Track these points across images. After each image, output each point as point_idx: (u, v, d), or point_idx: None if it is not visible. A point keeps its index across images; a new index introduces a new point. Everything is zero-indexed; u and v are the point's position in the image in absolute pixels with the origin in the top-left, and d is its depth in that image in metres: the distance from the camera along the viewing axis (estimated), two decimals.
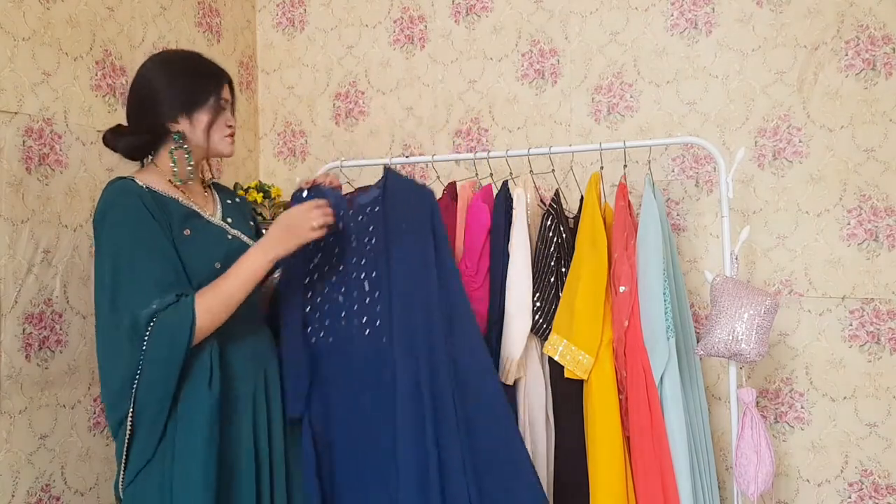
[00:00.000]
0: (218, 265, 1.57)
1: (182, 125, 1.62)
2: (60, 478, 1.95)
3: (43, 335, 1.92)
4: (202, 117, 1.63)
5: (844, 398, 2.27)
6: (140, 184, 1.57)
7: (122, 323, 1.46)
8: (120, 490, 1.51)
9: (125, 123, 1.65)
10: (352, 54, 2.79)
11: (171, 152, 1.63)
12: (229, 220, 1.71)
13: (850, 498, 2.26)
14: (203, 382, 1.51)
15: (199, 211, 1.64)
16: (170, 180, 1.63)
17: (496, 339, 1.97)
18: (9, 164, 1.84)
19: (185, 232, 1.57)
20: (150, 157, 1.67)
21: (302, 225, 1.62)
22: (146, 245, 1.51)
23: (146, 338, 1.46)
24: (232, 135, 1.70)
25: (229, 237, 1.66)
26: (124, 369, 1.47)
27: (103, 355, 1.52)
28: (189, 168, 1.65)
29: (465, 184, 2.16)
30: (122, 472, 1.51)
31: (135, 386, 1.47)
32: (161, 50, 1.74)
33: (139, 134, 1.62)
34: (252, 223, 1.79)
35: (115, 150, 1.64)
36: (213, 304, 1.51)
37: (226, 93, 1.68)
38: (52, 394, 1.94)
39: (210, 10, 2.62)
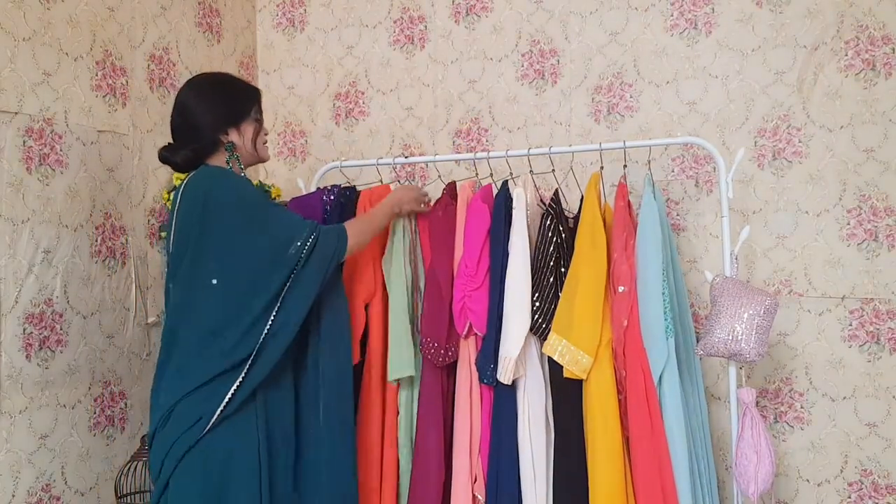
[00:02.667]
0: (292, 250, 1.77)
1: (232, 136, 1.84)
2: (60, 478, 1.96)
3: (43, 335, 1.92)
4: (248, 128, 1.87)
5: (844, 398, 2.27)
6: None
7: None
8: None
9: (172, 142, 1.83)
10: (352, 54, 2.80)
11: (227, 160, 1.83)
12: None
13: (849, 498, 2.26)
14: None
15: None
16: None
17: (495, 338, 1.97)
18: (9, 164, 1.84)
19: None
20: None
21: (419, 195, 2.12)
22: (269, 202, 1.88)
23: (305, 252, 1.74)
24: (267, 142, 1.96)
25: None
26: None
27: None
28: (242, 173, 1.86)
29: (465, 184, 2.17)
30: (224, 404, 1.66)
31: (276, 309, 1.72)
32: (196, 74, 1.96)
33: (195, 147, 1.80)
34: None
35: (173, 164, 1.83)
36: (359, 228, 1.90)
37: (260, 107, 1.92)
38: (53, 394, 1.94)
39: (210, 10, 2.63)
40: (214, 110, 1.82)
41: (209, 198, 1.71)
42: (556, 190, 2.12)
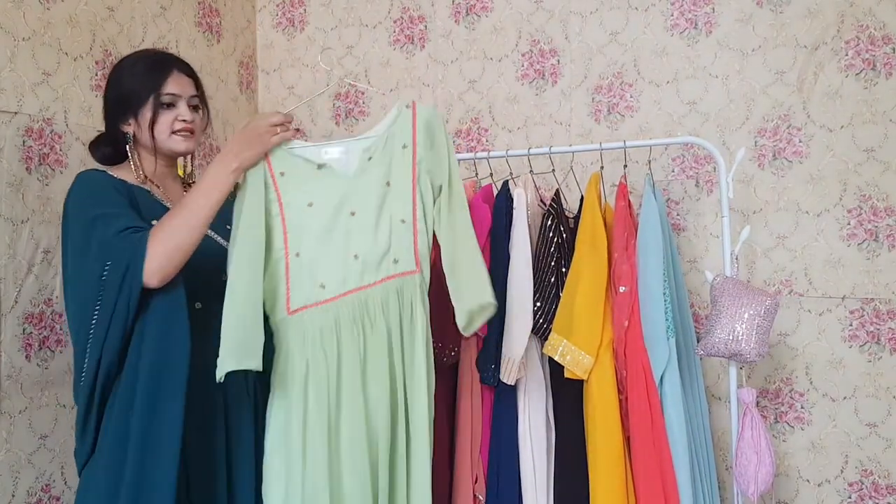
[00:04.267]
0: None
1: (132, 126, 1.62)
2: (60, 478, 1.95)
3: (43, 335, 1.92)
4: (146, 115, 1.59)
5: (844, 398, 2.27)
6: (112, 174, 1.60)
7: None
8: None
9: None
10: (352, 54, 2.79)
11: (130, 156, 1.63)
12: None
13: (850, 498, 2.26)
14: None
15: (170, 207, 1.60)
16: (144, 177, 1.64)
17: (496, 338, 1.97)
18: (9, 164, 1.84)
19: (152, 222, 1.52)
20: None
21: (260, 125, 1.55)
22: (111, 201, 1.51)
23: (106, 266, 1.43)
24: (185, 129, 1.62)
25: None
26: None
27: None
28: (141, 169, 1.62)
29: (466, 184, 2.16)
30: None
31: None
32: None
33: (106, 141, 1.66)
34: (230, 227, 1.61)
35: (95, 160, 1.68)
36: (174, 224, 1.45)
37: (172, 86, 1.61)
38: (52, 394, 1.94)
39: (210, 10, 2.62)
40: (117, 94, 1.62)
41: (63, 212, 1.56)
42: (557, 190, 2.12)
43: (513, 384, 1.95)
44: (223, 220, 1.60)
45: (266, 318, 1.56)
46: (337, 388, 1.55)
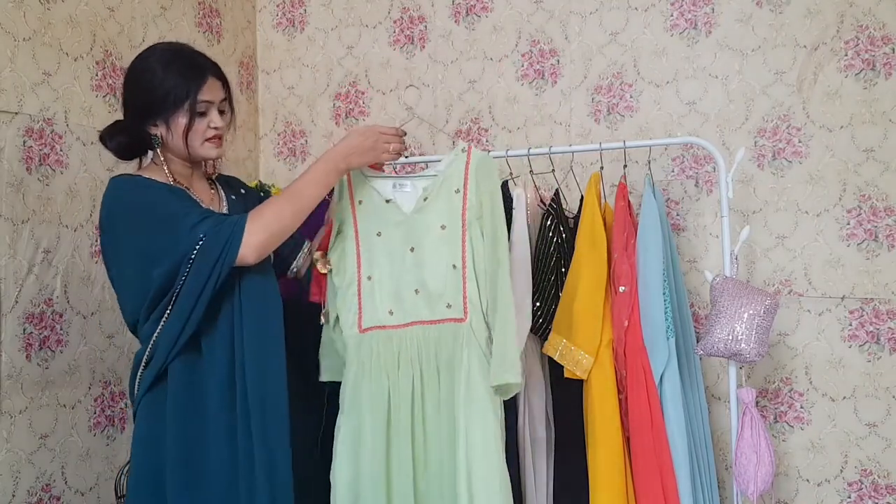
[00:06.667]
0: None
1: (161, 129, 1.57)
2: (61, 478, 1.96)
3: (43, 335, 1.92)
4: (179, 121, 1.56)
5: (844, 398, 2.27)
6: (146, 177, 1.58)
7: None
8: None
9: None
10: (352, 54, 2.79)
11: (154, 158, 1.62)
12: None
13: (849, 498, 2.26)
14: None
15: (206, 207, 1.61)
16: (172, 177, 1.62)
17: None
18: (9, 164, 1.84)
19: None
20: (149, 154, 1.65)
21: (377, 137, 1.65)
22: (175, 198, 1.55)
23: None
24: (216, 136, 1.61)
25: None
26: None
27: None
28: (170, 173, 1.61)
29: None
30: None
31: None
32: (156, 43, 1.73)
33: (124, 134, 1.60)
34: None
35: (108, 149, 1.62)
36: (279, 206, 1.54)
37: (207, 93, 1.58)
38: (53, 394, 1.94)
39: (210, 10, 2.62)
40: (146, 95, 1.55)
41: (103, 220, 1.58)
42: (557, 190, 2.12)
43: None
44: (247, 210, 1.64)
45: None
46: (387, 413, 1.65)
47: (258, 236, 1.50)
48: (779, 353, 2.32)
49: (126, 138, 1.60)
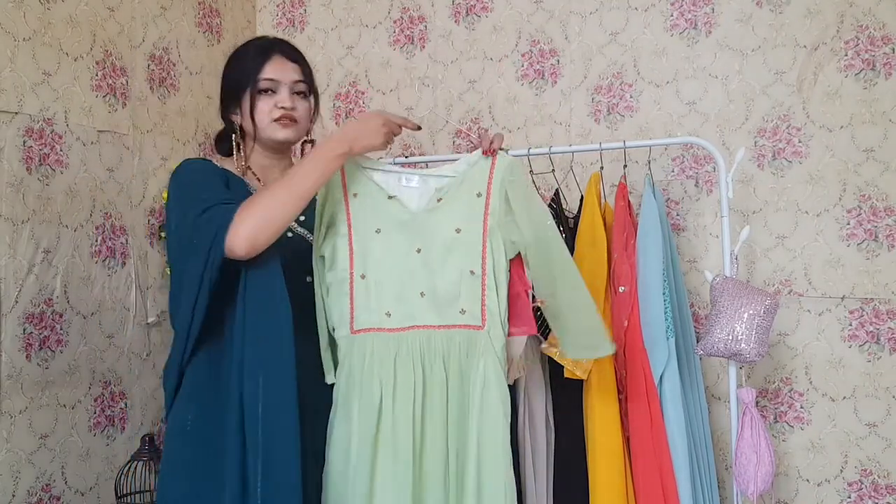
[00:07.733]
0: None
1: (238, 116, 1.61)
2: (61, 478, 1.96)
3: (43, 335, 1.92)
4: (247, 102, 1.57)
5: (844, 398, 2.27)
6: (215, 164, 1.60)
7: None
8: None
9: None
10: (352, 54, 2.80)
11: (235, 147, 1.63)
12: (302, 217, 1.61)
13: (849, 498, 2.26)
14: None
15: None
16: (248, 168, 1.64)
17: None
18: (9, 164, 1.84)
19: None
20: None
21: (380, 120, 1.56)
22: (209, 185, 1.51)
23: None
24: (284, 117, 1.58)
25: (289, 234, 1.59)
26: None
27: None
28: (244, 160, 1.61)
29: None
30: None
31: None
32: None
33: (224, 135, 1.66)
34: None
35: (218, 153, 1.69)
36: (267, 196, 1.43)
37: (271, 71, 1.57)
38: (53, 394, 1.94)
39: (210, 10, 2.63)
40: (222, 86, 1.64)
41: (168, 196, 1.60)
42: (556, 190, 2.12)
43: (512, 384, 1.95)
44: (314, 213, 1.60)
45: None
46: (378, 420, 1.54)
47: (246, 225, 1.38)
48: (779, 353, 2.32)
49: (224, 139, 1.67)
